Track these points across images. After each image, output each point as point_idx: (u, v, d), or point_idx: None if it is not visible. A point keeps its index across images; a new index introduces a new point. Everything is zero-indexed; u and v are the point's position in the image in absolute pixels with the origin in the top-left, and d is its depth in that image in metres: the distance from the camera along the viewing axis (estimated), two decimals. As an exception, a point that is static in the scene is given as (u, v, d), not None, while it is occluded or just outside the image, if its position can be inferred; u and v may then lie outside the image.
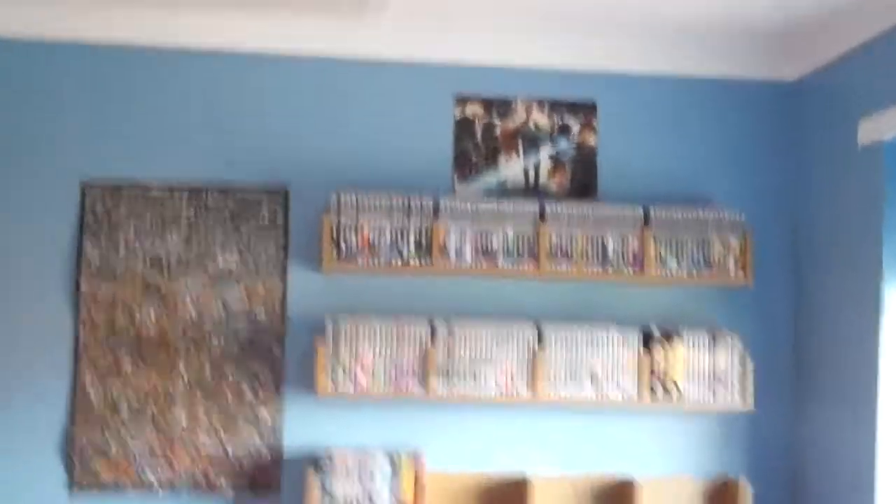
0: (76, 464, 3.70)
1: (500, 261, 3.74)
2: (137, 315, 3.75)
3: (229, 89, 3.86)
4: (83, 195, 3.76)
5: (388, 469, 3.66)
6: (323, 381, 3.65)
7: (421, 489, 3.66)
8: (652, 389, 3.76)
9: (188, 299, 3.78)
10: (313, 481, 3.61)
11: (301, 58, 3.89)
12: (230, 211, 3.82)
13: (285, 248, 3.83)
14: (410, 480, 3.66)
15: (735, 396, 3.80)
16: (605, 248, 3.78)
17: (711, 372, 3.81)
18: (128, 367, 3.74)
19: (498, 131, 3.94)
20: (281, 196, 3.83)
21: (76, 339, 3.73)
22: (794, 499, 3.94)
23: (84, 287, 3.73)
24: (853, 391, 3.60)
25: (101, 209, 3.76)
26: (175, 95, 3.84)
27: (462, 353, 3.71)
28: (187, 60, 3.84)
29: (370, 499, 3.64)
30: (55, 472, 3.70)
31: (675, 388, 3.77)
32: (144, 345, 3.75)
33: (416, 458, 3.68)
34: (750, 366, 3.82)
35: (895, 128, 3.41)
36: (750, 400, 3.81)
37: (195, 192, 3.80)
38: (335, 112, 3.89)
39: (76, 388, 3.71)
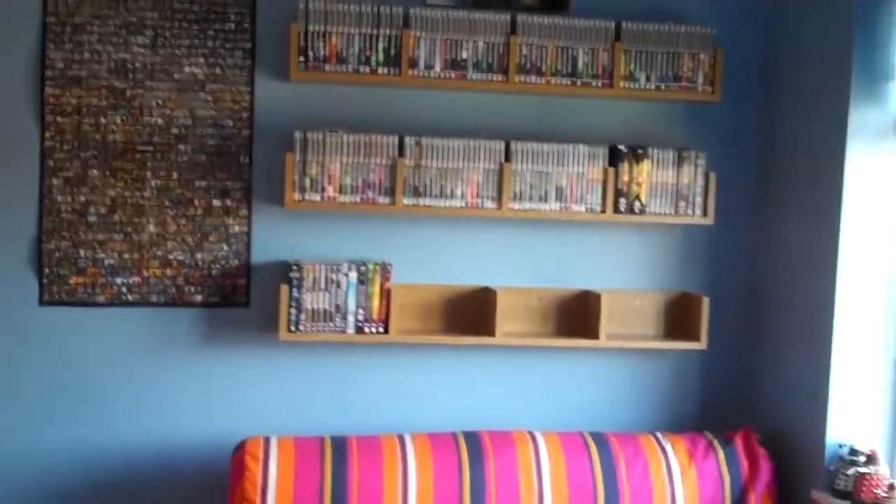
0: (47, 275, 3.72)
1: (470, 73, 3.71)
2: (103, 121, 3.72)
3: None
4: (46, -3, 3.68)
5: (355, 280, 3.72)
6: (290, 192, 3.66)
7: (388, 299, 3.73)
8: (616, 204, 3.82)
9: (154, 105, 3.74)
10: (284, 293, 3.67)
11: None
12: (196, 15, 3.74)
13: (252, 55, 3.77)
14: (378, 291, 3.73)
15: (697, 211, 3.87)
16: (575, 61, 3.76)
17: (675, 187, 3.85)
18: (95, 174, 3.72)
19: (471, -63, 3.85)
20: (247, 1, 3.75)
21: (42, 147, 3.69)
22: (753, 311, 4.06)
23: (49, 93, 3.68)
24: (815, 206, 3.68)
25: (64, 11, 3.67)
26: None
27: (430, 165, 3.73)
28: None
29: (338, 309, 3.71)
30: (26, 283, 3.72)
31: (639, 203, 3.84)
32: (111, 152, 3.73)
33: (383, 269, 3.74)
34: (713, 181, 3.87)
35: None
36: (712, 215, 3.88)
37: (160, -6, 3.73)
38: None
39: (44, 198, 3.70)
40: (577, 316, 3.95)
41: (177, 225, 3.78)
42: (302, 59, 3.63)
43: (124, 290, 3.77)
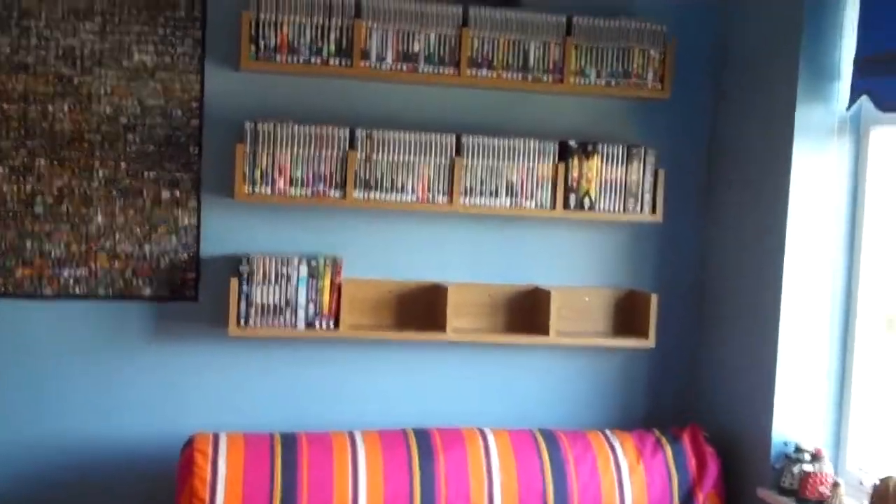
0: (-8, 266, 3.68)
1: (421, 66, 3.70)
2: (51, 109, 3.66)
3: None
4: (-9, -19, 3.62)
5: (306, 274, 3.69)
6: (241, 185, 3.62)
7: (339, 294, 3.71)
8: (566, 201, 3.82)
9: (102, 94, 3.69)
10: (234, 287, 3.63)
11: None
12: (146, 2, 3.68)
13: (202, 44, 3.73)
14: (328, 286, 3.70)
15: (646, 208, 3.88)
16: (526, 55, 3.76)
17: (625, 184, 3.86)
18: (42, 163, 3.66)
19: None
20: (198, -12, 3.73)
21: (-12, 135, 3.65)
22: (699, 310, 4.08)
23: (-6, 79, 3.64)
24: (762, 204, 3.70)
25: (10, -4, 3.63)
26: None
27: (381, 159, 3.71)
28: None
29: (288, 303, 3.68)
30: (-29, 275, 3.68)
31: (588, 200, 3.84)
32: (59, 141, 3.67)
33: (334, 264, 3.72)
34: (662, 179, 3.88)
35: (820, -57, 3.42)
36: (660, 212, 3.89)
37: (109, -20, 3.68)
38: None
39: (-11, 187, 3.66)
40: (527, 312, 3.95)
41: (125, 216, 3.73)
42: (253, 48, 3.60)
43: (71, 282, 3.71)
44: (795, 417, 3.60)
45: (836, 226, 3.60)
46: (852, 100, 3.45)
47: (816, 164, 3.55)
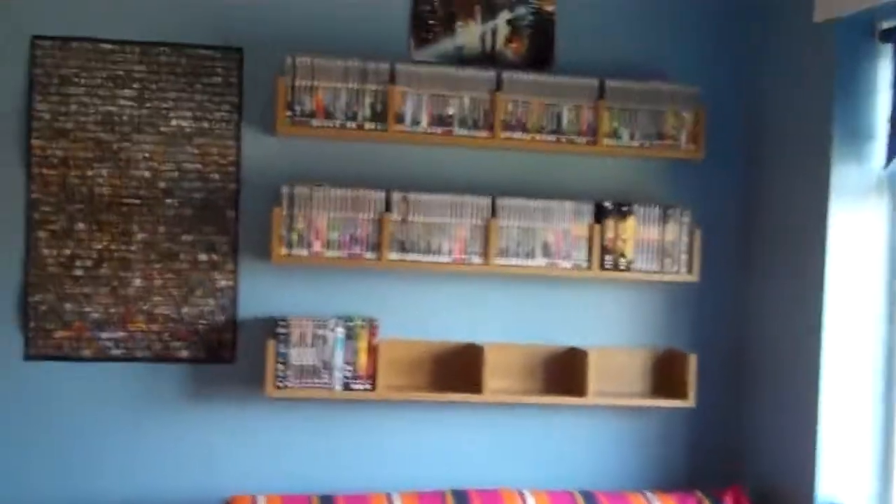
0: (32, 328, 3.69)
1: (456, 129, 3.73)
2: (90, 174, 3.71)
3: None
4: (32, 49, 3.68)
5: (342, 335, 3.70)
6: (277, 247, 3.65)
7: (375, 355, 3.71)
8: (602, 261, 3.82)
9: (140, 158, 3.74)
10: (271, 349, 3.64)
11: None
12: (183, 69, 3.75)
13: (239, 109, 3.78)
14: (365, 347, 3.71)
15: (682, 268, 3.87)
16: (559, 118, 3.78)
17: (660, 245, 3.85)
18: (82, 227, 3.71)
19: (455, -5, 3.90)
20: (235, 56, 3.77)
21: (29, 199, 3.68)
22: (739, 369, 4.04)
23: (35, 144, 3.68)
24: (800, 264, 3.67)
25: (50, 63, 3.68)
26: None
27: (416, 221, 3.73)
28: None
29: (325, 365, 3.69)
30: (11, 337, 3.69)
31: (624, 260, 3.83)
32: (97, 205, 3.72)
33: (370, 325, 3.72)
34: (698, 238, 3.87)
35: (850, 5, 3.39)
36: (697, 271, 3.88)
37: (147, 48, 3.73)
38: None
39: (30, 250, 3.68)
40: (564, 373, 3.93)
41: (163, 279, 3.77)
42: (289, 113, 3.64)
43: (110, 344, 3.75)
44: (840, 476, 3.55)
45: (876, 284, 3.56)
46: (889, 158, 3.43)
47: (854, 223, 3.53)
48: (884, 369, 3.59)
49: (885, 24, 3.46)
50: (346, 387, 3.70)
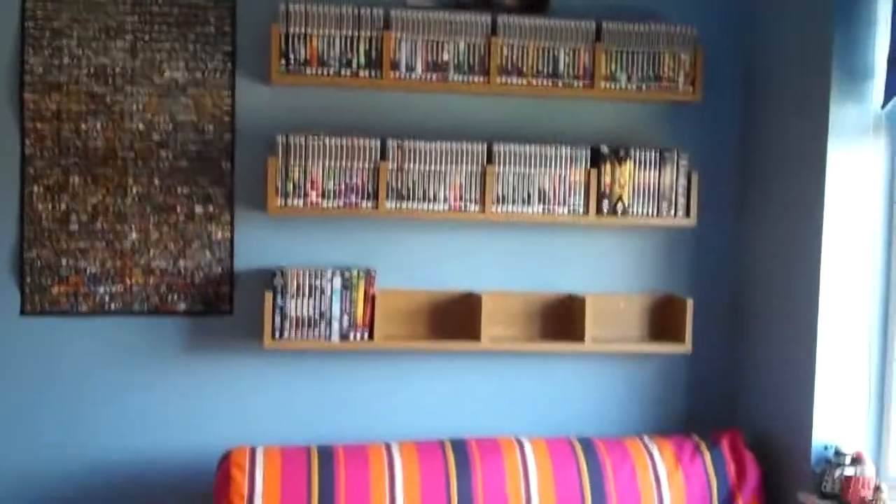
0: (28, 284, 3.68)
1: (451, 74, 3.70)
2: (84, 127, 3.69)
3: None
4: (23, 2, 3.63)
5: (339, 286, 3.69)
6: (273, 198, 3.64)
7: (373, 305, 3.71)
8: (599, 206, 3.80)
9: (134, 111, 3.72)
10: (268, 300, 3.64)
11: None
12: (175, 19, 3.72)
13: (233, 59, 3.75)
14: (362, 297, 3.70)
15: (680, 213, 3.86)
16: (556, 61, 3.75)
17: (657, 189, 3.84)
18: (76, 181, 3.69)
19: (451, -62, 3.86)
20: (228, 4, 3.73)
21: (23, 153, 3.66)
22: (736, 314, 4.04)
23: (28, 98, 3.65)
24: (797, 205, 3.67)
25: (41, 15, 3.65)
26: None
27: (412, 169, 3.71)
28: None
29: (322, 316, 3.69)
30: (7, 293, 3.69)
31: (621, 205, 3.82)
32: (92, 159, 3.70)
33: (367, 275, 3.72)
34: (696, 182, 3.86)
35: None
36: (694, 216, 3.87)
37: (139, -2, 3.72)
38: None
39: (24, 206, 3.67)
40: (562, 319, 3.93)
41: (159, 232, 3.75)
42: (283, 62, 3.62)
43: (107, 299, 3.74)
44: (835, 421, 3.56)
45: (873, 225, 3.56)
46: (887, 98, 3.42)
47: (852, 163, 3.52)
48: (880, 312, 3.59)
49: (884, -39, 3.44)
50: (344, 337, 3.70)
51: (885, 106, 3.45)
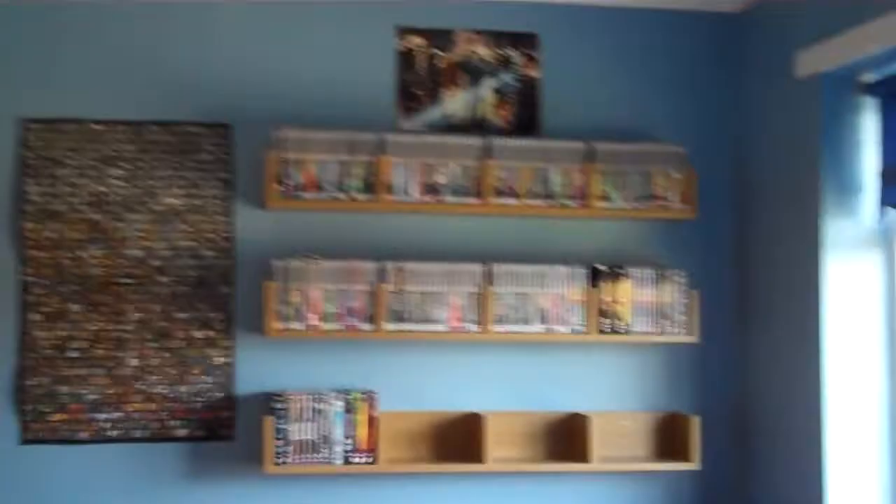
0: (28, 412, 3.66)
1: (446, 196, 3.73)
2: (83, 255, 3.71)
3: (170, 23, 3.78)
4: (23, 132, 3.68)
5: (342, 409, 3.67)
6: (273, 321, 3.64)
7: (375, 428, 3.68)
8: (599, 325, 3.80)
9: (133, 238, 3.74)
10: (269, 425, 3.61)
11: (241, -7, 3.83)
12: (172, 147, 3.77)
13: (230, 184, 3.79)
14: (364, 420, 3.68)
15: (681, 329, 3.85)
16: (549, 182, 3.79)
17: (657, 306, 3.84)
18: (75, 309, 3.70)
19: (441, 63, 3.92)
20: (224, 131, 3.79)
21: (21, 281, 3.67)
22: (743, 429, 4.01)
23: (27, 227, 3.67)
24: (797, 319, 3.67)
25: (40, 145, 3.69)
26: (115, 33, 3.75)
27: (411, 290, 3.72)
28: (127, -3, 3.78)
29: (325, 440, 3.66)
30: (6, 422, 3.66)
31: (622, 323, 3.82)
32: (91, 286, 3.71)
33: (369, 398, 3.70)
34: (695, 299, 3.86)
35: (833, 60, 3.43)
36: (696, 332, 3.86)
37: (136, 127, 3.74)
38: (276, 47, 3.83)
39: (24, 334, 3.66)
40: (566, 439, 3.89)
41: (159, 358, 3.75)
42: (279, 187, 3.65)
43: (107, 426, 3.71)
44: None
45: (874, 336, 3.55)
46: (880, 211, 3.45)
47: (849, 276, 3.53)
48: (888, 426, 3.56)
49: (869, 78, 3.49)
50: (347, 461, 3.67)
51: (879, 219, 3.47)
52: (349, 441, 3.67)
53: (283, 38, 3.85)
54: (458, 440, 3.84)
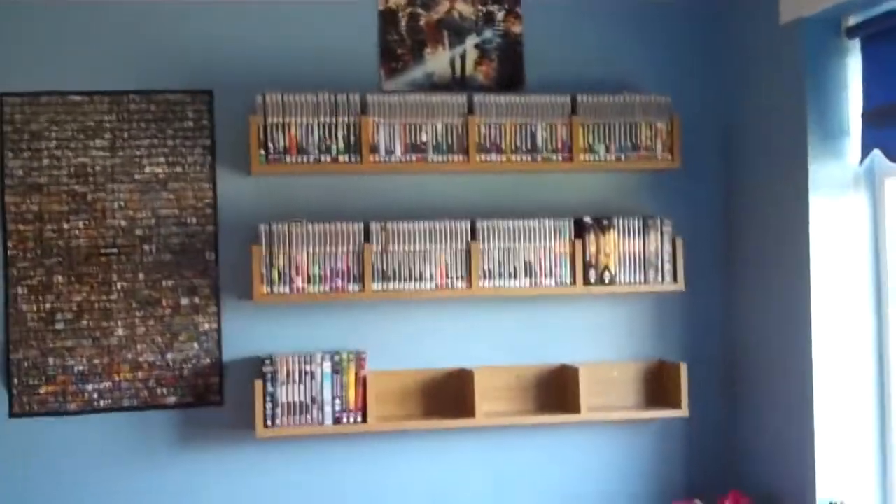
0: (16, 385, 3.65)
1: (430, 155, 3.72)
2: (66, 226, 3.69)
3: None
4: (1, 105, 3.66)
5: (330, 370, 3.67)
6: (259, 286, 3.62)
7: (364, 387, 3.68)
8: (586, 276, 3.80)
9: (116, 208, 3.72)
10: (258, 388, 3.61)
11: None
12: (153, 115, 3.74)
13: (212, 151, 3.77)
14: (353, 380, 3.67)
15: (667, 278, 3.86)
16: (533, 137, 3.78)
17: (643, 256, 3.85)
18: (60, 280, 3.68)
19: (422, 22, 3.89)
20: (205, 98, 3.76)
21: (5, 255, 3.65)
22: (731, 375, 4.03)
23: (9, 201, 3.65)
24: (784, 264, 3.68)
25: (20, 119, 3.67)
26: (92, 3, 3.71)
27: (397, 250, 3.71)
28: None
29: (314, 401, 3.66)
30: (-6, 395, 3.68)
31: (608, 274, 3.82)
32: (75, 257, 3.69)
33: (357, 358, 3.69)
34: (681, 248, 3.86)
35: (815, 4, 3.43)
36: (682, 281, 3.87)
37: (117, 97, 3.72)
38: (256, 11, 3.80)
39: (9, 307, 3.65)
40: (556, 391, 3.91)
41: (145, 326, 3.73)
42: (262, 152, 3.63)
43: (96, 396, 3.70)
44: (839, 475, 3.53)
45: (860, 278, 3.57)
46: (864, 154, 3.46)
47: (835, 217, 3.54)
48: (875, 365, 3.58)
49: (852, 21, 3.48)
50: (337, 421, 3.67)
51: (862, 161, 3.48)
52: (339, 401, 3.66)
53: (262, 2, 3.81)
54: (448, 397, 3.85)
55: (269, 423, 3.62)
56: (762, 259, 3.82)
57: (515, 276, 3.77)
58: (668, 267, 3.86)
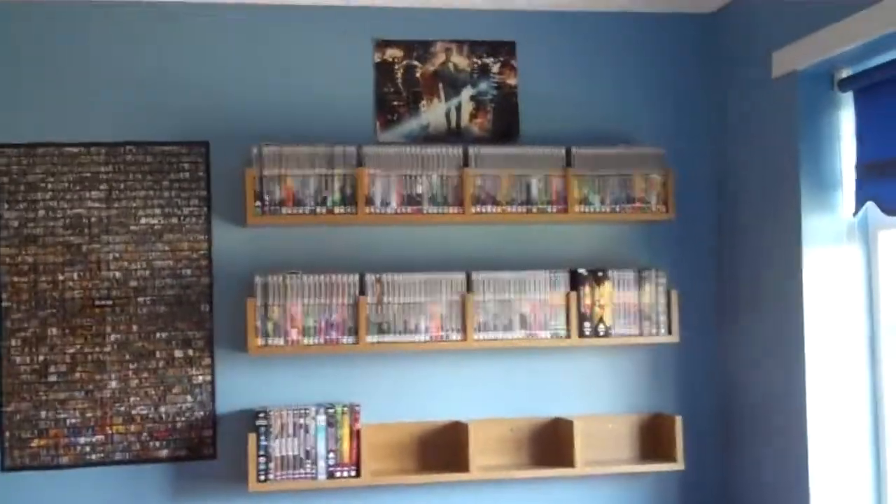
0: (8, 439, 3.63)
1: (426, 207, 3.72)
2: (61, 278, 3.68)
3: (144, 42, 3.77)
4: (-3, 157, 3.69)
5: (324, 423, 3.65)
6: (253, 338, 3.61)
7: (359, 441, 3.65)
8: (581, 328, 3.80)
9: (111, 259, 3.72)
10: (252, 442, 3.58)
11: (217, 5, 3.81)
12: (149, 166, 3.75)
13: (208, 202, 3.78)
14: (347, 433, 3.65)
15: (662, 330, 3.85)
16: (528, 188, 3.79)
17: (638, 308, 3.85)
18: (54, 332, 3.67)
19: (418, 74, 3.92)
20: (201, 150, 3.78)
21: (0, 307, 3.64)
22: (726, 427, 4.01)
23: (4, 252, 3.65)
24: (778, 316, 3.67)
25: (17, 170, 3.68)
26: (89, 51, 3.74)
27: (392, 302, 3.70)
28: (100, 13, 3.75)
29: (308, 455, 3.63)
30: (-14, 448, 3.64)
31: (603, 326, 3.81)
32: (69, 309, 3.69)
33: (351, 411, 3.67)
34: (675, 300, 3.86)
35: (808, 58, 3.45)
36: (677, 333, 3.87)
37: (113, 148, 3.73)
38: (253, 61, 3.83)
39: (2, 359, 3.63)
40: (551, 444, 3.88)
41: (139, 379, 3.72)
42: (258, 203, 3.64)
43: (88, 449, 3.68)
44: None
45: (855, 331, 3.55)
46: (858, 206, 3.46)
47: (828, 271, 3.53)
48: (871, 417, 3.55)
49: (844, 74, 3.51)
50: (331, 475, 3.63)
51: (856, 213, 3.48)
52: (332, 455, 3.63)
53: (259, 54, 3.85)
54: (442, 450, 3.82)
55: (262, 477, 3.59)
56: (756, 311, 3.81)
57: (510, 328, 3.76)
58: (662, 319, 3.86)
